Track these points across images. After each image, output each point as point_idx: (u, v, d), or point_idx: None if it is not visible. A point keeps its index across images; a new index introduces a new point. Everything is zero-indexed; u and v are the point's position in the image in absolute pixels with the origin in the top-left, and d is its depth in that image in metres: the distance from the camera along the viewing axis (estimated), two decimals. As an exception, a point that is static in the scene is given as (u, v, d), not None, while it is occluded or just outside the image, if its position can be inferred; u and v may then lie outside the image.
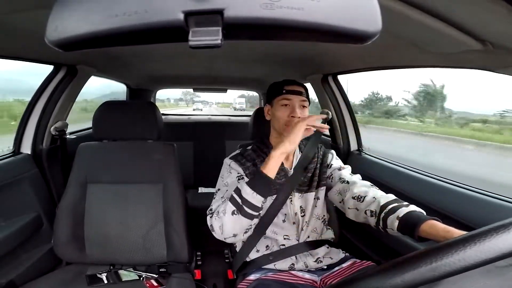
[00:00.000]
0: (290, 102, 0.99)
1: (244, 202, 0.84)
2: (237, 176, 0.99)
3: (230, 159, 1.05)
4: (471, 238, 0.33)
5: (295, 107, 0.98)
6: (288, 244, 1.01)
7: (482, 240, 0.32)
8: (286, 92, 1.00)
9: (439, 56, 0.89)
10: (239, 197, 0.85)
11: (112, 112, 1.20)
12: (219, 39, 0.26)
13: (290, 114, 0.98)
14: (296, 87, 1.01)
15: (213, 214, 0.91)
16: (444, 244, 0.34)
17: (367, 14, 0.27)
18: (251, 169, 1.01)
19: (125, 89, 2.56)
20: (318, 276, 0.99)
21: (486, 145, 5.01)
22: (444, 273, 0.32)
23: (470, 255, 0.32)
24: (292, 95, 1.00)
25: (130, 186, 1.15)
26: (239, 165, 1.01)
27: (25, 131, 1.34)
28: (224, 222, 0.87)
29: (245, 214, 0.85)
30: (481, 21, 0.62)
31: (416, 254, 0.34)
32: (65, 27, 0.27)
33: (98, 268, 1.11)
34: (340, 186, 1.00)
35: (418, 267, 0.32)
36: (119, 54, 1.40)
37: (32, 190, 1.26)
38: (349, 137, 1.66)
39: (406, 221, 0.75)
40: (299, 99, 1.00)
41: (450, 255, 0.32)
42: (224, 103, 29.11)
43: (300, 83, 1.04)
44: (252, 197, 0.84)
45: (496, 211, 0.86)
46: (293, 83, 1.03)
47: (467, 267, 0.31)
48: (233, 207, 0.86)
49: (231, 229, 0.87)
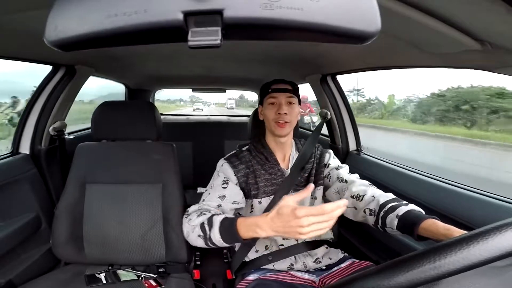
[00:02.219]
0: (277, 99, 1.00)
1: (209, 239, 0.85)
2: (222, 180, 1.00)
3: (224, 159, 1.05)
4: (474, 237, 0.33)
5: (281, 104, 0.99)
6: (287, 244, 1.01)
7: (484, 239, 0.32)
8: (272, 90, 1.01)
9: (437, 56, 0.89)
10: (208, 232, 0.85)
11: (111, 112, 1.20)
12: (218, 39, 0.26)
13: (277, 111, 0.99)
14: (282, 85, 1.02)
15: (187, 217, 0.93)
16: (447, 242, 0.34)
17: (366, 14, 0.27)
18: (243, 171, 1.01)
19: (121, 90, 2.56)
20: (316, 277, 0.99)
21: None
22: (448, 271, 0.32)
23: (474, 254, 0.32)
24: (278, 93, 1.01)
25: (129, 186, 1.15)
26: (231, 167, 1.01)
27: (23, 131, 1.33)
28: (190, 236, 0.90)
29: (209, 245, 0.87)
30: (480, 21, 0.62)
31: (419, 252, 0.34)
32: (64, 27, 0.27)
33: (97, 268, 1.11)
34: (338, 185, 1.00)
35: (422, 266, 0.32)
36: (118, 54, 1.40)
37: (30, 190, 1.26)
38: (348, 137, 1.66)
39: (405, 220, 0.75)
40: (285, 96, 1.00)
41: (453, 253, 0.32)
42: (220, 103, 34.11)
43: (289, 81, 1.04)
44: (218, 242, 0.84)
45: (496, 211, 0.87)
46: (279, 81, 1.03)
47: (470, 266, 0.31)
48: (201, 233, 0.86)
49: (195, 242, 0.91)
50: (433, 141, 6.89)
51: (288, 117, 0.98)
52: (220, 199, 0.97)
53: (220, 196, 0.97)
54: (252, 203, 1.02)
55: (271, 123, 1.01)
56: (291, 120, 1.00)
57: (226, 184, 0.99)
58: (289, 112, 0.99)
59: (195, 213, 0.92)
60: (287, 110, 0.98)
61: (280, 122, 0.98)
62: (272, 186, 1.01)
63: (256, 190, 1.01)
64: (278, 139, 1.03)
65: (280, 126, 0.99)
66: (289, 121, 0.99)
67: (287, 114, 0.98)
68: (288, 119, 0.99)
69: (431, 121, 8.18)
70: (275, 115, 0.99)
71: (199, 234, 0.87)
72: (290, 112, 0.99)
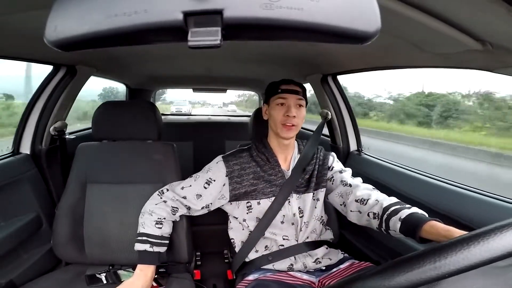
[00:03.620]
0: (286, 101, 0.98)
1: (144, 229, 0.97)
2: (207, 180, 1.01)
3: (221, 157, 1.05)
4: (474, 237, 0.33)
5: (290, 106, 0.97)
6: (287, 244, 1.01)
7: (485, 239, 0.32)
8: (281, 91, 1.00)
9: (438, 56, 0.89)
10: (154, 228, 0.97)
11: (112, 112, 1.20)
12: (218, 39, 0.26)
13: (286, 113, 0.97)
14: (292, 86, 1.01)
15: (161, 198, 1.00)
16: (447, 243, 0.34)
17: (367, 14, 0.27)
18: (238, 172, 1.01)
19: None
20: (316, 277, 0.99)
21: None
22: (448, 271, 0.32)
23: (475, 254, 0.32)
24: (287, 94, 0.99)
25: (129, 186, 1.15)
26: (225, 166, 1.01)
27: (24, 131, 1.33)
28: (146, 213, 0.99)
29: (143, 227, 0.98)
30: (480, 21, 0.62)
31: (419, 253, 0.34)
32: (64, 27, 0.27)
33: (98, 268, 1.11)
34: (342, 189, 1.00)
35: (423, 266, 0.32)
36: (119, 54, 1.40)
37: (31, 190, 1.26)
38: (348, 137, 1.66)
39: (408, 222, 0.75)
40: (295, 98, 0.99)
41: (453, 254, 0.32)
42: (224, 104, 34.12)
43: (297, 83, 1.03)
44: (145, 235, 0.96)
45: (496, 212, 0.86)
46: (289, 82, 1.02)
47: (471, 266, 0.31)
48: (152, 221, 0.97)
49: (142, 215, 1.00)
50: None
51: (296, 120, 0.97)
52: (196, 197, 0.99)
53: (197, 194, 0.99)
54: (249, 204, 1.02)
55: (277, 125, 0.99)
56: (298, 123, 0.99)
57: (208, 184, 1.00)
58: (298, 115, 0.97)
59: (166, 204, 1.00)
60: (296, 113, 0.97)
61: (288, 125, 0.97)
62: (272, 188, 1.01)
63: (254, 191, 1.01)
64: (281, 141, 1.02)
65: (287, 128, 0.97)
66: (296, 124, 0.98)
67: (296, 117, 0.97)
68: (296, 122, 0.97)
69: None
70: (283, 117, 0.97)
71: (153, 219, 0.97)
72: (298, 115, 0.98)
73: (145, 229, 0.95)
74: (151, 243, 0.94)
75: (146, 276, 0.92)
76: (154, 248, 0.94)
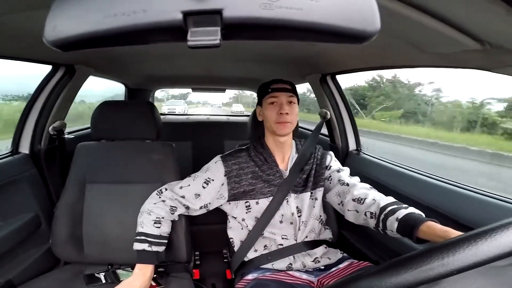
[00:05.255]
0: (277, 99, 1.00)
1: (143, 228, 0.97)
2: (206, 179, 1.01)
3: (220, 156, 1.06)
4: (474, 237, 0.33)
5: (282, 104, 0.99)
6: (286, 244, 1.01)
7: (484, 239, 0.32)
8: (272, 90, 1.01)
9: (437, 56, 0.89)
10: (153, 227, 0.97)
11: (111, 112, 1.20)
12: (218, 39, 0.26)
13: (279, 111, 0.98)
14: (281, 85, 1.02)
15: (160, 198, 1.00)
16: (446, 243, 0.34)
17: (366, 14, 0.27)
18: (236, 172, 1.01)
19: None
20: (315, 277, 0.99)
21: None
22: (446, 271, 0.32)
23: (475, 254, 0.32)
24: (278, 92, 1.00)
25: (128, 186, 1.15)
26: (224, 166, 1.02)
27: (23, 130, 1.33)
28: (145, 213, 0.98)
29: (141, 227, 0.98)
30: (479, 21, 0.62)
31: (419, 252, 0.34)
32: (63, 27, 0.27)
33: (96, 268, 1.11)
34: (340, 188, 1.00)
35: (425, 265, 0.32)
36: (118, 54, 1.39)
37: (30, 190, 1.26)
38: (347, 137, 1.66)
39: (405, 223, 0.75)
40: (286, 95, 1.00)
41: (454, 253, 0.32)
42: (228, 104, 34.49)
43: (287, 81, 1.04)
44: (143, 235, 0.96)
45: (496, 211, 0.86)
46: (278, 81, 1.03)
47: (473, 265, 0.31)
48: (151, 221, 0.97)
49: (141, 214, 1.00)
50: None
51: (289, 117, 0.98)
52: (194, 196, 1.00)
53: (196, 194, 1.00)
54: (248, 204, 1.02)
55: (272, 124, 1.00)
56: (293, 120, 1.00)
57: (207, 184, 1.00)
58: (290, 112, 0.99)
59: (165, 204, 1.00)
60: (288, 110, 0.98)
61: (282, 122, 0.98)
62: (270, 188, 1.01)
63: (252, 191, 1.01)
64: (278, 139, 1.03)
65: (282, 125, 0.98)
66: (290, 121, 0.99)
67: (289, 114, 0.98)
68: (289, 119, 0.98)
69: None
70: (277, 115, 0.99)
71: (151, 219, 0.97)
72: (291, 112, 0.99)
73: (144, 229, 0.95)
74: (149, 243, 0.94)
75: (145, 276, 0.92)
76: (152, 247, 0.94)
